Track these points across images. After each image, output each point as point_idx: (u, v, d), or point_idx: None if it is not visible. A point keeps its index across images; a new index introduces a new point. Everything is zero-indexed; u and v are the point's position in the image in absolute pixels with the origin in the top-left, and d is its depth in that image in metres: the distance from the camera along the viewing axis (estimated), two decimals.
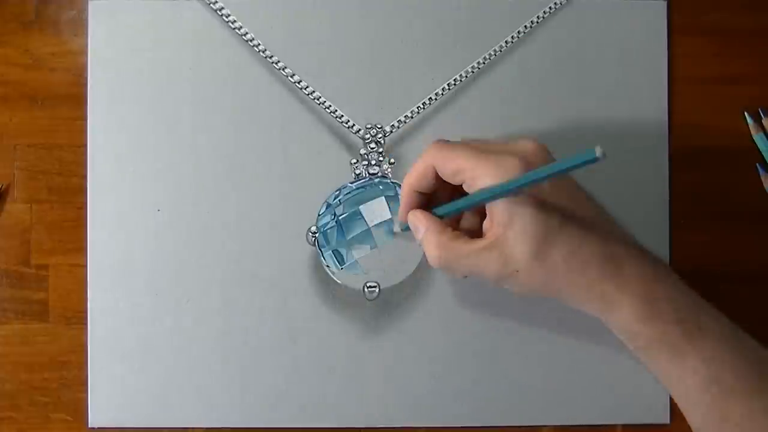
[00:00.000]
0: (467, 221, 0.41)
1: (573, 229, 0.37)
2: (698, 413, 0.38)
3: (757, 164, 0.47)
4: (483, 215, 0.39)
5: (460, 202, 0.39)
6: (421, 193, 0.40)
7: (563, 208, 0.38)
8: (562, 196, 0.38)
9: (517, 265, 0.37)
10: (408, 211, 0.41)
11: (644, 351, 0.39)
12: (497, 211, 0.37)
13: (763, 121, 0.47)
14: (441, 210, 0.40)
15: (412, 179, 0.40)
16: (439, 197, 0.41)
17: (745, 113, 0.47)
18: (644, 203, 0.47)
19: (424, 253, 0.40)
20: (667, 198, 0.47)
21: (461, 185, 0.38)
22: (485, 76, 0.47)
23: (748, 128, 0.47)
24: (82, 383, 0.46)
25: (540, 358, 0.47)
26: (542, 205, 0.37)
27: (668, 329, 0.38)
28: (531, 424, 0.47)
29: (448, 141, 0.40)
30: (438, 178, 0.39)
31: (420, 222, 0.40)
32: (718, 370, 0.38)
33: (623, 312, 0.38)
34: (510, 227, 0.37)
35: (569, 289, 0.38)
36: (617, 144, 0.47)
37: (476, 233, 0.39)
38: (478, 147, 0.38)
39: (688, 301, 0.39)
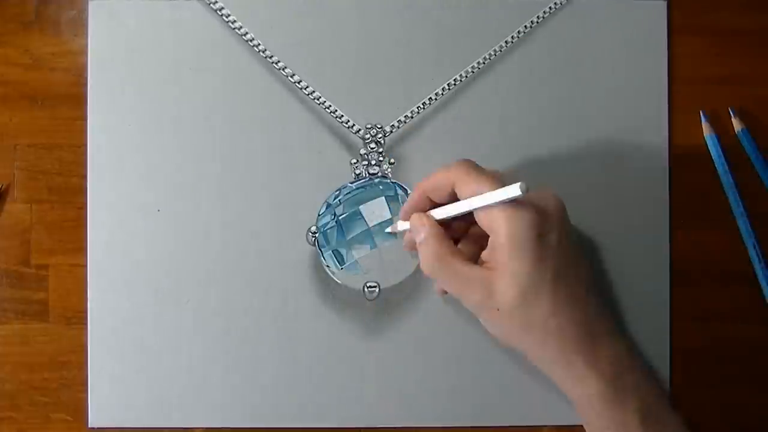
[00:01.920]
0: (468, 246, 0.41)
1: (561, 290, 0.37)
2: None
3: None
4: (484, 244, 0.39)
5: (452, 208, 0.39)
6: (429, 200, 0.40)
7: (560, 266, 0.37)
8: (562, 253, 0.38)
9: (499, 304, 0.37)
10: (412, 212, 0.41)
11: (600, 430, 0.39)
12: (500, 248, 0.37)
13: (732, 120, 0.47)
14: (438, 212, 0.40)
15: (429, 186, 0.40)
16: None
17: (701, 112, 0.47)
18: (644, 203, 0.47)
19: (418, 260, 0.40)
20: (667, 198, 0.47)
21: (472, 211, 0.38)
22: (485, 76, 0.47)
23: (701, 128, 0.47)
24: (82, 383, 0.46)
25: None
26: (541, 256, 0.37)
27: (628, 417, 0.38)
28: (531, 424, 0.47)
29: (475, 164, 0.39)
30: (453, 194, 0.39)
31: (423, 225, 0.40)
32: None
33: (588, 389, 0.38)
34: (505, 266, 0.37)
35: (541, 348, 0.38)
36: (617, 144, 0.47)
37: (474, 260, 0.39)
38: (503, 182, 0.38)
39: (652, 393, 0.39)
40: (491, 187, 0.37)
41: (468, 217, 0.39)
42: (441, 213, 0.40)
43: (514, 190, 0.35)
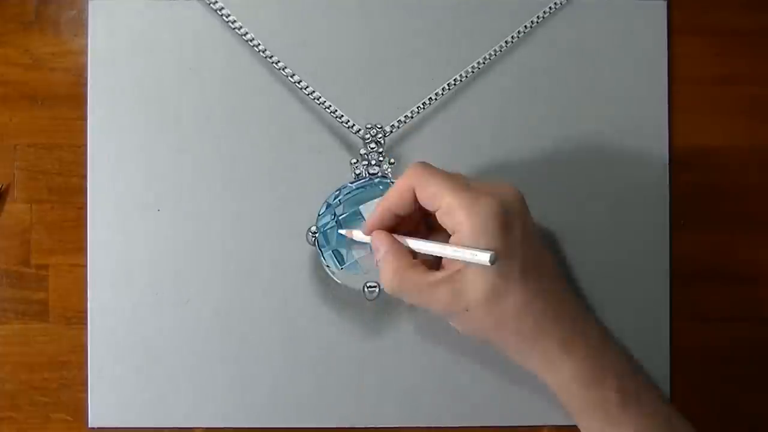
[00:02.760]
0: (428, 256, 0.40)
1: (530, 281, 0.37)
2: None
3: None
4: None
5: (433, 247, 0.38)
6: (394, 215, 0.40)
7: (526, 259, 0.37)
8: (527, 246, 0.38)
9: (467, 304, 0.37)
10: (374, 228, 0.40)
11: (579, 414, 0.39)
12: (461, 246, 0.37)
13: None
14: (413, 244, 0.40)
15: (392, 199, 0.40)
16: (407, 223, 0.41)
17: None
18: (644, 203, 0.47)
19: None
20: (667, 198, 0.47)
21: (434, 213, 0.38)
22: (485, 76, 0.47)
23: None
24: (82, 383, 0.46)
25: None
26: (508, 251, 0.37)
27: (606, 396, 0.38)
28: (531, 424, 0.47)
29: (429, 165, 0.39)
30: (416, 202, 0.39)
31: (382, 243, 0.40)
32: None
33: (564, 373, 0.38)
34: (470, 265, 0.37)
35: (514, 340, 0.38)
36: (617, 144, 0.47)
37: (435, 266, 0.39)
38: (460, 179, 0.38)
39: (631, 373, 0.39)
40: (447, 186, 0.37)
41: (424, 225, 0.39)
42: (415, 246, 0.39)
43: (483, 258, 0.35)
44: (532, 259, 0.38)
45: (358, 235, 0.42)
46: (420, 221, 0.41)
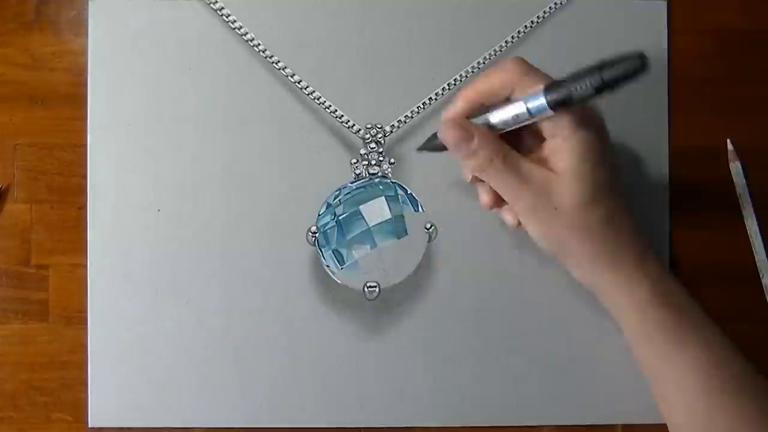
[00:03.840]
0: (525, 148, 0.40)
1: (616, 196, 0.38)
2: (683, 407, 0.39)
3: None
4: (533, 149, 0.39)
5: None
6: (481, 105, 0.38)
7: (612, 177, 0.38)
8: (614, 168, 0.38)
9: (559, 204, 0.37)
10: (460, 119, 0.38)
11: (645, 336, 0.39)
12: (565, 148, 0.37)
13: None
14: (480, 120, 0.38)
15: (486, 87, 0.38)
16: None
17: (728, 141, 0.47)
18: (644, 203, 0.47)
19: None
20: (667, 198, 0.47)
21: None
22: None
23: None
24: (82, 383, 0.46)
25: (540, 358, 0.47)
26: (606, 165, 0.37)
27: (676, 315, 0.39)
28: (531, 424, 0.47)
29: (530, 64, 0.38)
30: (507, 100, 0.38)
31: (476, 131, 0.38)
32: (716, 365, 0.39)
33: (640, 291, 0.39)
34: (576, 167, 0.37)
35: (593, 252, 0.38)
36: (617, 144, 0.47)
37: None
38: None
39: (690, 298, 0.40)
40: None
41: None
42: (497, 116, 0.38)
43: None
44: (615, 178, 0.38)
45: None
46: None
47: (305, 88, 0.45)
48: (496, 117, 0.38)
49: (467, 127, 0.38)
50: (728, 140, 0.47)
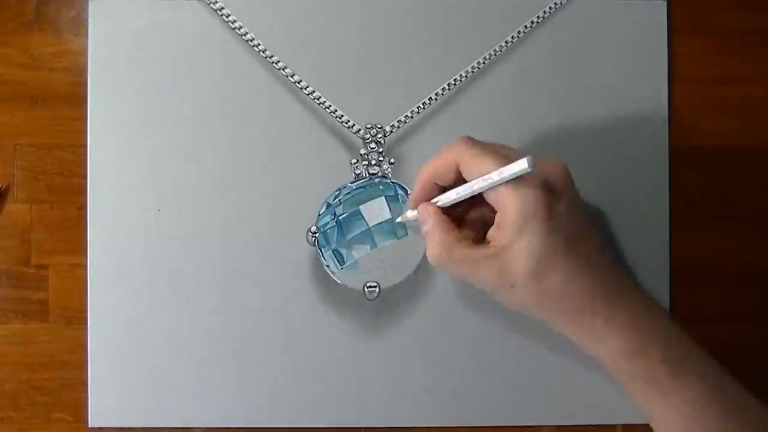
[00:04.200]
0: (471, 229, 0.40)
1: (575, 257, 0.37)
2: None
3: None
4: (490, 223, 0.38)
5: (461, 190, 0.38)
6: (436, 186, 0.40)
7: (571, 233, 0.37)
8: (572, 220, 0.38)
9: (514, 280, 0.37)
10: (420, 202, 0.40)
11: (629, 385, 0.39)
12: (506, 223, 0.37)
13: None
14: (445, 198, 0.39)
15: (434, 170, 0.39)
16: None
17: None
18: (644, 203, 0.47)
19: (425, 249, 0.40)
20: (667, 198, 0.47)
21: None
22: (485, 76, 0.47)
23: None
24: (82, 383, 0.46)
25: (540, 358, 0.47)
26: (552, 227, 0.37)
27: (654, 367, 0.38)
28: (531, 424, 0.47)
29: (476, 140, 0.39)
30: (458, 174, 0.39)
31: (429, 216, 0.39)
32: (701, 413, 0.38)
33: (609, 347, 0.38)
34: (516, 242, 0.36)
35: (559, 314, 0.38)
36: (617, 144, 0.47)
37: (480, 240, 0.39)
38: (504, 156, 0.37)
39: (677, 341, 0.39)
40: (496, 165, 0.37)
41: (468, 199, 0.39)
42: (448, 198, 0.39)
43: (521, 165, 0.35)
44: (578, 235, 0.38)
45: (411, 214, 0.41)
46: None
47: (305, 88, 0.45)
48: (445, 198, 0.39)
49: (424, 210, 0.40)
50: None
